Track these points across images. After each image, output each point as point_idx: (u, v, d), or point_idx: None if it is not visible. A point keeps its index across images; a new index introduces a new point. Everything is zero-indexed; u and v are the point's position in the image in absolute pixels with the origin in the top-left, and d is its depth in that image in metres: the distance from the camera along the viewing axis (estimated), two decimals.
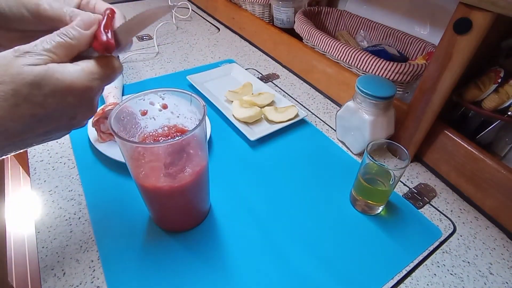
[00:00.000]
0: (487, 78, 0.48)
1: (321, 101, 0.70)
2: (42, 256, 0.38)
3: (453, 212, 0.48)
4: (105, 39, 0.26)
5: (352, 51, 0.61)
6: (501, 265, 0.42)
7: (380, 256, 0.41)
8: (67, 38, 0.24)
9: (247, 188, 0.49)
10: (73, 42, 0.25)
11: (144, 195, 0.38)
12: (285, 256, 0.40)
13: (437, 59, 0.45)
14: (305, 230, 0.43)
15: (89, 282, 0.36)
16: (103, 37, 0.26)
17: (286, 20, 0.81)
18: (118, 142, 0.31)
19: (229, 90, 0.65)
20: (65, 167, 0.50)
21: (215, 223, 0.43)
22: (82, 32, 0.25)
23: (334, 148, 0.58)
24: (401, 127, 0.54)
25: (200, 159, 0.36)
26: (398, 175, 0.41)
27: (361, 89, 0.49)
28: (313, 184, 0.50)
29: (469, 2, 0.39)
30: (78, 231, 0.41)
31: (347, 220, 0.45)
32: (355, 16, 0.81)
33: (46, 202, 0.44)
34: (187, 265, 0.38)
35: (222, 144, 0.56)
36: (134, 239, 0.41)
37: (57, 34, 0.24)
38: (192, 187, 0.37)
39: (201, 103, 0.33)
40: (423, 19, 0.69)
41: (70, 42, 0.24)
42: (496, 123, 0.50)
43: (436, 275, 0.40)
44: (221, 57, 0.83)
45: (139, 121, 0.37)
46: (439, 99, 0.46)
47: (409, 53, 0.70)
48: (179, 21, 1.00)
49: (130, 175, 0.35)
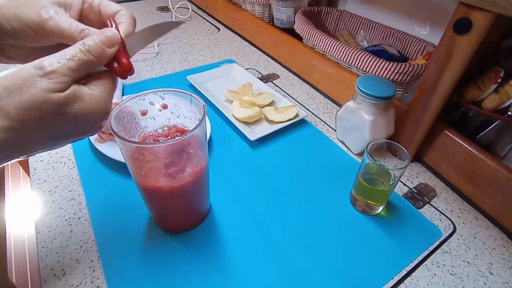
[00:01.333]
0: (487, 78, 0.48)
1: (321, 101, 0.70)
2: (42, 256, 0.38)
3: (453, 212, 0.48)
4: (127, 63, 0.26)
5: (352, 51, 0.61)
6: (501, 265, 0.42)
7: (380, 256, 0.41)
8: (90, 56, 0.23)
9: (247, 188, 0.49)
10: (96, 60, 0.24)
11: (144, 195, 0.38)
12: (285, 256, 0.40)
13: (437, 59, 0.45)
14: (305, 230, 0.43)
15: (89, 282, 0.36)
16: (125, 61, 0.25)
17: (286, 20, 0.81)
18: (118, 142, 0.31)
19: (229, 90, 0.65)
20: (65, 167, 0.50)
21: (215, 223, 0.43)
22: (106, 51, 0.24)
23: (334, 148, 0.58)
24: (401, 127, 0.54)
25: (200, 159, 0.36)
26: (398, 175, 0.41)
27: (361, 89, 0.49)
28: (313, 184, 0.50)
29: (469, 2, 0.39)
30: (78, 231, 0.41)
31: (347, 220, 0.45)
32: (355, 16, 0.81)
33: (46, 202, 0.44)
34: (187, 265, 0.38)
35: (222, 144, 0.56)
36: (134, 239, 0.41)
37: (81, 50, 0.23)
38: (192, 187, 0.37)
39: (201, 103, 0.33)
40: (423, 19, 0.69)
41: (93, 60, 0.24)
42: (496, 123, 0.50)
43: (436, 275, 0.40)
44: (221, 57, 0.83)
45: (139, 121, 0.37)
46: (439, 99, 0.46)
47: (409, 53, 0.70)
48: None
49: (130, 175, 0.35)
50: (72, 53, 0.23)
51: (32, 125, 0.22)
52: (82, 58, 0.23)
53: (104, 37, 0.24)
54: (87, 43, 0.24)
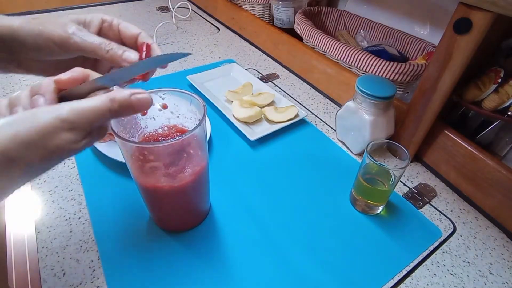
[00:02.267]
0: (487, 78, 0.48)
1: (321, 101, 0.70)
2: (42, 256, 0.38)
3: (453, 212, 0.48)
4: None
5: (352, 51, 0.61)
6: (501, 265, 0.42)
7: (380, 256, 0.41)
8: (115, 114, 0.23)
9: (247, 188, 0.49)
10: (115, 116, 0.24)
11: (144, 195, 0.38)
12: (285, 256, 0.40)
13: (437, 59, 0.45)
14: (305, 230, 0.43)
15: (89, 282, 0.36)
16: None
17: (286, 20, 0.81)
18: (118, 142, 0.31)
19: (229, 90, 0.65)
20: (65, 167, 0.50)
21: (215, 223, 0.43)
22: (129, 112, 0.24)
23: (334, 148, 0.58)
24: (401, 127, 0.54)
25: (200, 159, 0.36)
26: (398, 175, 0.41)
27: (361, 89, 0.49)
28: (313, 184, 0.50)
29: (469, 2, 0.39)
30: (78, 231, 0.41)
31: (347, 220, 0.45)
32: (355, 16, 0.81)
33: (46, 202, 0.44)
34: (187, 265, 0.38)
35: (222, 144, 0.56)
36: (134, 239, 0.41)
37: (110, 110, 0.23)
38: (192, 187, 0.37)
39: (201, 103, 0.33)
40: (423, 19, 0.69)
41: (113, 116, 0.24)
42: (496, 123, 0.50)
43: (436, 275, 0.40)
44: (221, 57, 0.83)
45: (139, 121, 0.37)
46: (439, 99, 0.46)
47: (409, 53, 0.70)
48: (179, 21, 1.00)
49: (130, 175, 0.35)
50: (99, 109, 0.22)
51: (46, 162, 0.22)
52: (105, 115, 0.23)
53: (137, 100, 0.24)
54: (117, 99, 0.23)
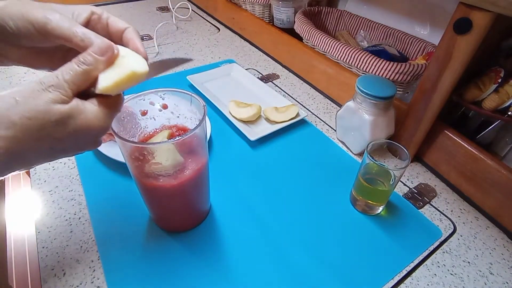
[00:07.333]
0: (487, 78, 0.48)
1: (321, 101, 0.70)
2: (42, 256, 0.38)
3: (453, 212, 0.48)
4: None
5: (352, 51, 0.61)
6: (501, 265, 0.42)
7: (380, 256, 0.41)
8: (84, 66, 0.25)
9: (247, 188, 0.48)
10: (91, 68, 0.25)
11: (144, 195, 0.38)
12: (285, 256, 0.40)
13: (437, 59, 0.45)
14: (305, 230, 0.43)
15: (89, 282, 0.36)
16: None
17: (286, 20, 0.81)
18: (118, 142, 0.31)
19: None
20: (65, 167, 0.50)
21: (215, 223, 0.43)
22: (99, 59, 0.25)
23: (334, 148, 0.58)
24: (401, 127, 0.54)
25: (200, 159, 0.36)
26: (398, 175, 0.41)
27: (361, 89, 0.49)
28: (313, 184, 0.50)
29: (469, 2, 0.39)
30: (78, 231, 0.41)
31: (347, 220, 0.45)
32: (355, 16, 0.81)
33: (46, 202, 0.44)
34: (187, 265, 0.38)
35: (222, 144, 0.56)
36: (134, 239, 0.41)
37: (76, 63, 0.24)
38: (192, 187, 0.37)
39: (201, 103, 0.33)
40: (423, 19, 0.69)
41: (87, 69, 0.25)
42: (496, 123, 0.50)
43: (436, 275, 0.40)
44: (221, 57, 0.83)
45: (139, 121, 0.37)
46: (439, 99, 0.46)
47: (409, 53, 0.70)
48: (179, 21, 1.00)
49: (130, 175, 0.35)
50: (69, 67, 0.24)
51: (34, 135, 0.22)
52: (77, 70, 0.24)
53: (96, 48, 0.25)
54: (81, 56, 0.25)
